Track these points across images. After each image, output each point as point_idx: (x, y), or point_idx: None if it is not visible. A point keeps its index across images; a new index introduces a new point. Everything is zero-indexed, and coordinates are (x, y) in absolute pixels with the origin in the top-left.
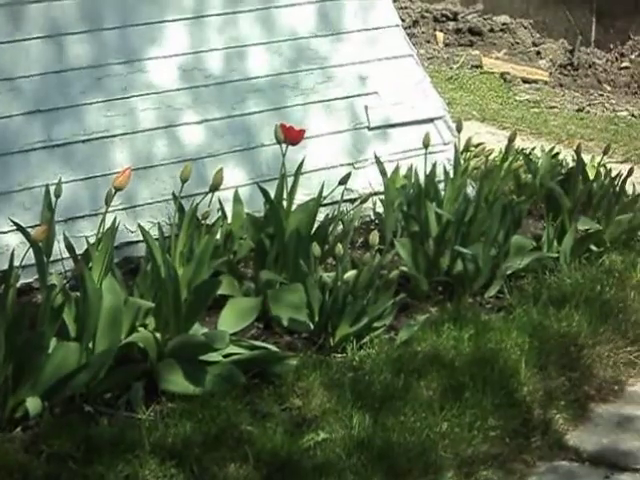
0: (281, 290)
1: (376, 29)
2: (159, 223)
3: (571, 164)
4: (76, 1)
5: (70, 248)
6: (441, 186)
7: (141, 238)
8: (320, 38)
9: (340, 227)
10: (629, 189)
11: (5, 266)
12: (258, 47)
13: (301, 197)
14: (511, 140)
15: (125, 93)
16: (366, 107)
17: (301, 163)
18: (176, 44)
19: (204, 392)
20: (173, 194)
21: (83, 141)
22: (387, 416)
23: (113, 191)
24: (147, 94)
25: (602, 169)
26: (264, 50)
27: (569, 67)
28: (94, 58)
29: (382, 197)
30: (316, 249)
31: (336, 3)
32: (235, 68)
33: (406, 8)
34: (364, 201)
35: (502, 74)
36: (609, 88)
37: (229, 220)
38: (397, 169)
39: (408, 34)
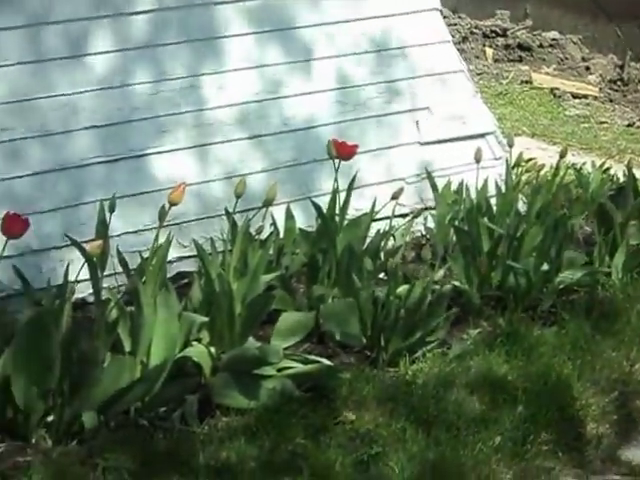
0: (333, 305)
1: (428, 45)
2: (212, 238)
3: (622, 179)
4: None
5: (123, 263)
6: (492, 201)
7: (192, 253)
8: (378, 53)
9: (392, 242)
10: None
11: (60, 281)
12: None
13: (353, 212)
14: (562, 155)
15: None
16: (417, 122)
17: (353, 178)
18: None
19: (258, 406)
20: (226, 209)
21: (137, 157)
22: (440, 430)
23: (167, 206)
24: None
25: None
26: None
27: (619, 82)
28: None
29: (433, 212)
30: (368, 264)
31: (387, 20)
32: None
33: (456, 25)
34: (416, 216)
35: (552, 89)
36: None
37: (281, 235)
38: (448, 184)
39: (458, 50)
